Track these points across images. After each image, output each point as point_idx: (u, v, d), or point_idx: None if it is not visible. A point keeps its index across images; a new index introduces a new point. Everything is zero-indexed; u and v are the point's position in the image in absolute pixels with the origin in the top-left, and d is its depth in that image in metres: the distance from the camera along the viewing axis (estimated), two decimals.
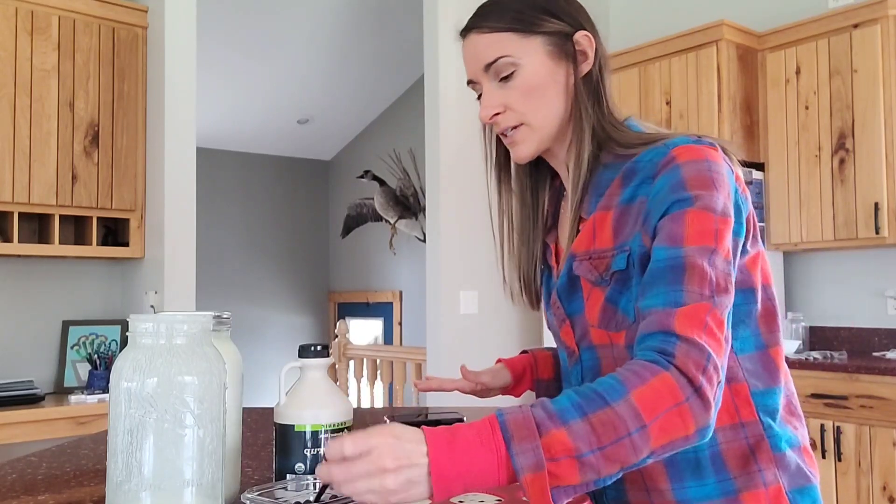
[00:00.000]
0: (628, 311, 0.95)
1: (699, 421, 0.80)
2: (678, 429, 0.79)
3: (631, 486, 1.00)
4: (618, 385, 0.79)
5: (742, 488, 0.95)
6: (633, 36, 4.03)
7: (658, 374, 0.80)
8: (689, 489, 0.96)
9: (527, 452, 0.75)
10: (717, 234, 0.88)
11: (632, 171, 0.98)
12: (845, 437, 2.79)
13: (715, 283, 0.86)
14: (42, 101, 3.03)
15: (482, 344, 3.66)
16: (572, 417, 0.77)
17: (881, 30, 3.00)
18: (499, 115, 1.03)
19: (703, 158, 0.92)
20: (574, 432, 0.76)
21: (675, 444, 0.80)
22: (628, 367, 0.82)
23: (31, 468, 1.20)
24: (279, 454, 0.98)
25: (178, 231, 3.14)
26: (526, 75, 1.01)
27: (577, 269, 1.01)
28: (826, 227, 3.15)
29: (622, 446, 0.77)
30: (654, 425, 0.78)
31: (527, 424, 0.77)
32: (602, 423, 0.77)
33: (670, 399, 0.79)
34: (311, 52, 5.54)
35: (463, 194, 3.60)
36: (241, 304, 6.55)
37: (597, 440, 0.76)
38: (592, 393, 0.79)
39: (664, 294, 0.86)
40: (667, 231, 0.89)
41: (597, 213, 1.01)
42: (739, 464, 0.96)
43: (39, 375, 3.17)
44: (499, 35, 1.01)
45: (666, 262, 0.87)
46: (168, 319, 0.80)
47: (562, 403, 0.79)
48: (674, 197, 0.90)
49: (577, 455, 0.76)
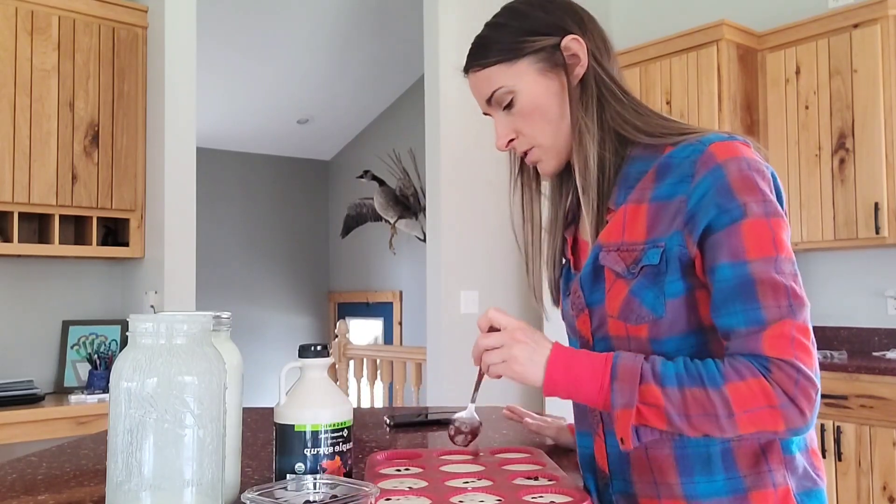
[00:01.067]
0: (654, 306, 0.95)
1: (790, 424, 0.87)
2: (767, 424, 0.87)
3: (639, 479, 1.00)
4: (717, 374, 0.88)
5: (751, 487, 0.95)
6: (634, 35, 4.03)
7: (757, 376, 0.87)
8: (699, 484, 0.96)
9: (623, 392, 0.90)
10: (774, 239, 0.91)
11: (666, 167, 0.98)
12: (845, 437, 2.79)
13: (790, 292, 0.89)
14: (42, 101, 3.03)
15: None
16: (670, 384, 0.89)
17: (881, 30, 3.00)
18: (513, 140, 1.08)
19: (741, 156, 0.94)
20: (667, 395, 0.88)
21: (765, 435, 0.89)
22: (731, 362, 0.89)
23: (31, 468, 1.20)
24: (279, 454, 0.98)
25: (178, 231, 3.14)
26: (524, 100, 1.04)
27: (604, 259, 1.01)
28: (826, 226, 3.15)
29: (708, 421, 0.88)
30: (744, 416, 0.87)
31: (633, 372, 0.90)
32: (694, 399, 0.88)
33: (763, 400, 0.86)
34: (311, 52, 5.54)
35: (463, 194, 3.60)
36: (241, 304, 6.55)
37: (684, 409, 0.88)
38: (695, 371, 0.89)
39: (742, 313, 0.89)
40: (726, 247, 0.91)
41: (628, 205, 1.00)
42: (750, 463, 0.96)
43: (39, 375, 3.17)
44: (488, 70, 1.05)
45: (734, 280, 0.90)
46: (168, 319, 0.80)
47: (667, 370, 0.90)
48: (723, 205, 0.91)
49: (664, 410, 0.88)
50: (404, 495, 0.91)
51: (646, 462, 0.99)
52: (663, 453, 0.97)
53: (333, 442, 0.96)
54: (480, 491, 0.93)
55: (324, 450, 0.96)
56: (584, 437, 1.09)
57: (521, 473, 1.01)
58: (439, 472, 1.03)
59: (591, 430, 1.06)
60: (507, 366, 0.95)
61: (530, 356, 0.94)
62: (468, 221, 3.61)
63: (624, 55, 3.64)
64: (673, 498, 0.97)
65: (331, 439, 0.96)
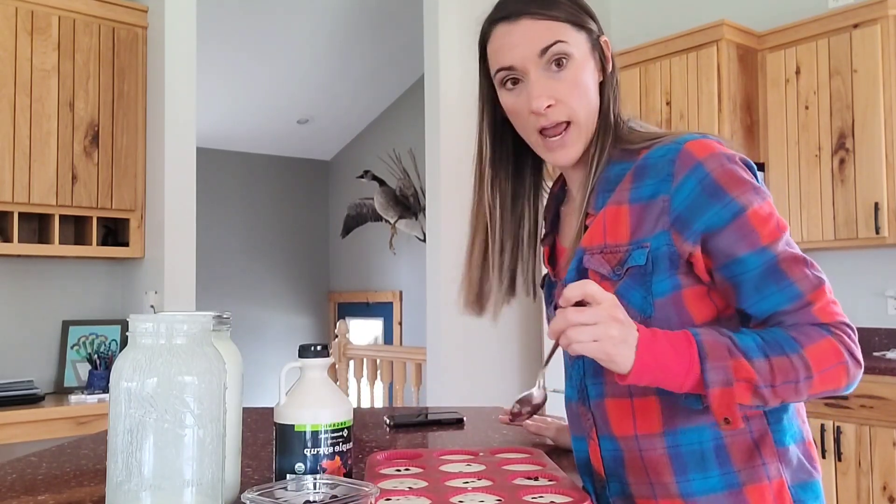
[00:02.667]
0: (643, 306, 0.96)
1: (851, 378, 0.93)
2: (834, 382, 0.92)
3: (635, 480, 1.00)
4: (792, 340, 0.91)
5: (746, 482, 0.96)
6: (634, 36, 4.03)
7: (825, 336, 0.92)
8: (694, 482, 0.96)
9: (718, 370, 0.88)
10: (776, 220, 0.95)
11: (643, 168, 0.99)
12: (845, 437, 2.79)
13: (806, 260, 0.95)
14: (42, 101, 3.03)
15: (482, 344, 3.66)
16: (757, 356, 0.89)
17: (881, 30, 3.00)
18: (551, 106, 1.01)
19: (717, 151, 0.96)
20: (757, 367, 0.89)
21: (827, 393, 0.93)
22: (799, 329, 0.92)
23: (31, 468, 1.20)
24: (279, 454, 0.98)
25: (178, 231, 3.14)
26: (577, 67, 1.01)
27: (588, 262, 1.01)
28: (826, 226, 3.15)
29: (789, 388, 0.90)
30: (818, 377, 0.90)
31: (720, 347, 0.89)
32: (780, 367, 0.89)
33: (834, 358, 0.91)
34: (311, 52, 5.54)
35: (463, 194, 3.58)
36: (241, 304, 6.55)
37: (772, 379, 0.89)
38: (773, 340, 0.91)
39: (780, 293, 0.93)
40: (741, 241, 0.94)
41: (608, 207, 1.01)
42: (743, 457, 0.96)
43: (39, 375, 3.17)
44: (557, 23, 1.01)
45: (761, 267, 0.94)
46: (168, 319, 0.80)
47: (747, 342, 0.90)
48: (717, 204, 0.94)
49: (754, 385, 0.88)
50: (404, 495, 0.91)
51: (640, 463, 0.99)
52: (657, 453, 0.98)
53: (333, 442, 0.96)
54: (480, 491, 0.93)
55: (324, 450, 0.96)
56: (578, 441, 1.09)
57: (521, 474, 1.01)
58: (439, 472, 1.03)
59: (585, 434, 1.06)
60: (600, 346, 0.86)
61: (625, 338, 0.87)
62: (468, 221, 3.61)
63: (624, 55, 3.64)
64: (669, 497, 0.98)
65: (331, 439, 0.96)
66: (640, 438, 0.99)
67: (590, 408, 1.04)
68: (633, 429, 0.99)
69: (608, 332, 0.85)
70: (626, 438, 1.00)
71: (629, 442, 1.00)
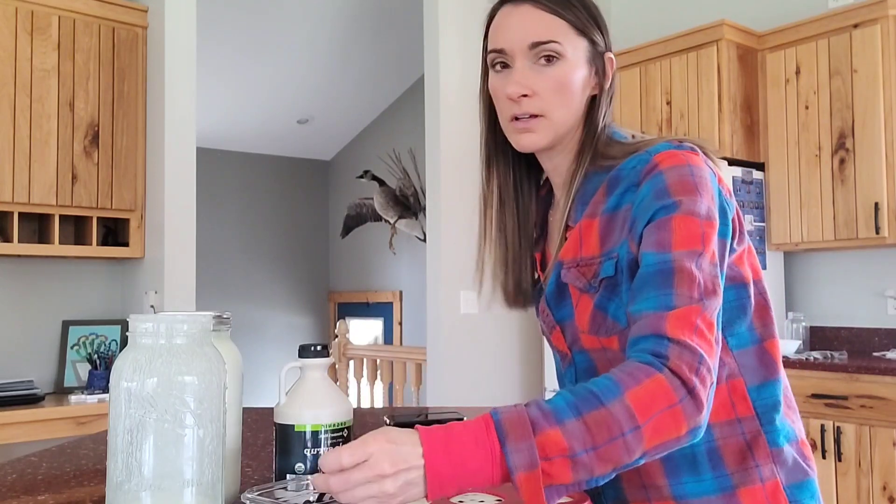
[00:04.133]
0: (618, 316, 0.96)
1: (691, 422, 0.81)
2: (671, 430, 0.80)
3: (628, 484, 1.00)
4: (612, 385, 0.80)
5: (739, 484, 0.95)
6: (634, 36, 4.02)
7: (652, 375, 0.80)
8: (686, 485, 0.96)
9: (521, 451, 0.76)
10: (703, 237, 0.89)
11: (616, 179, 0.99)
12: (845, 437, 2.79)
13: (703, 286, 0.87)
14: (42, 101, 3.03)
15: (482, 344, 3.66)
16: (567, 417, 0.78)
17: (881, 30, 3.00)
18: (526, 96, 1.00)
19: (684, 164, 0.93)
20: (568, 431, 0.77)
21: (668, 445, 0.81)
22: (623, 369, 0.82)
23: (31, 468, 1.20)
24: (279, 454, 0.98)
25: (178, 231, 3.14)
26: (565, 69, 1.00)
27: (565, 276, 1.02)
28: (826, 227, 3.15)
29: (616, 446, 0.78)
30: (648, 426, 0.79)
31: (521, 423, 0.78)
32: (597, 423, 0.78)
33: (664, 400, 0.80)
34: (311, 52, 5.54)
35: (463, 194, 3.60)
36: (241, 304, 6.55)
37: (591, 440, 0.77)
38: (587, 392, 0.80)
39: (654, 298, 0.87)
40: (654, 237, 0.90)
41: (582, 220, 1.01)
42: (736, 459, 0.96)
43: (39, 375, 3.17)
44: (558, 20, 1.00)
45: (655, 267, 0.88)
46: (168, 319, 0.80)
47: (557, 403, 0.80)
48: (658, 203, 0.91)
49: (570, 455, 0.77)
50: None
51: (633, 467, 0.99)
52: None
53: (333, 442, 0.97)
54: (481, 491, 0.93)
55: (324, 450, 0.96)
56: None
57: None
58: None
59: None
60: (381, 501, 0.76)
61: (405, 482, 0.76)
62: (468, 221, 3.60)
63: (624, 55, 3.64)
64: (662, 499, 0.98)
65: (331, 439, 0.96)
66: None
67: None
68: None
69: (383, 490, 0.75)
70: None
71: None
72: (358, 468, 0.75)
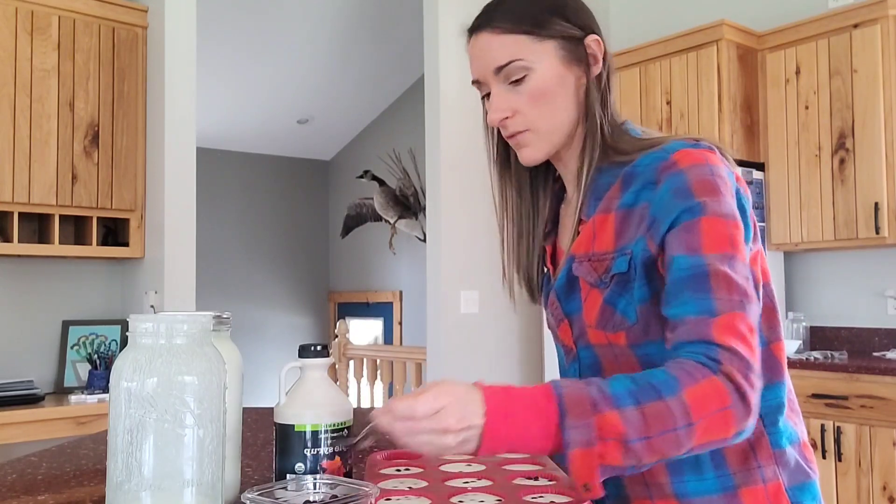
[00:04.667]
0: (627, 312, 0.96)
1: (740, 425, 0.83)
2: (720, 431, 0.82)
3: (630, 481, 1.00)
4: (671, 381, 0.82)
5: (741, 484, 0.96)
6: (634, 36, 4.02)
7: (708, 376, 0.82)
8: (688, 483, 0.97)
9: (579, 428, 0.79)
10: (731, 239, 0.89)
11: (631, 176, 0.98)
12: (845, 437, 2.79)
13: (742, 289, 0.87)
14: (42, 101, 3.03)
15: (482, 344, 3.66)
16: (626, 404, 0.80)
17: (881, 30, 3.00)
18: (508, 118, 1.01)
19: (703, 162, 0.93)
20: (626, 418, 0.80)
21: (714, 444, 0.84)
22: (680, 366, 0.84)
23: (31, 468, 1.20)
24: (279, 454, 0.98)
25: (178, 231, 3.14)
26: (537, 81, 0.99)
27: (577, 270, 1.02)
28: (826, 227, 3.15)
29: (668, 439, 0.80)
30: (701, 425, 0.81)
31: (582, 401, 0.80)
32: (654, 415, 0.80)
33: (718, 402, 0.82)
34: (311, 52, 5.54)
35: (463, 194, 3.60)
36: (241, 304, 6.55)
37: (646, 429, 0.80)
38: (646, 383, 0.82)
39: (694, 302, 0.87)
40: (683, 240, 0.90)
41: (596, 215, 1.01)
42: (739, 460, 0.96)
43: (39, 375, 3.17)
44: (513, 37, 0.98)
45: (689, 271, 0.88)
46: (168, 319, 0.80)
47: (617, 389, 0.82)
48: (682, 205, 0.91)
49: (624, 440, 0.79)
50: (404, 495, 0.91)
51: None
52: None
53: (333, 442, 0.96)
54: (480, 491, 0.93)
55: (324, 450, 0.96)
56: None
57: (521, 473, 1.01)
58: (439, 471, 1.03)
59: None
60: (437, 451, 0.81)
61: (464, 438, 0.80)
62: (468, 221, 3.61)
63: (624, 55, 3.64)
64: (664, 497, 0.98)
65: (331, 439, 0.96)
66: None
67: None
68: None
69: (444, 442, 0.80)
70: None
71: None
72: (427, 419, 0.79)
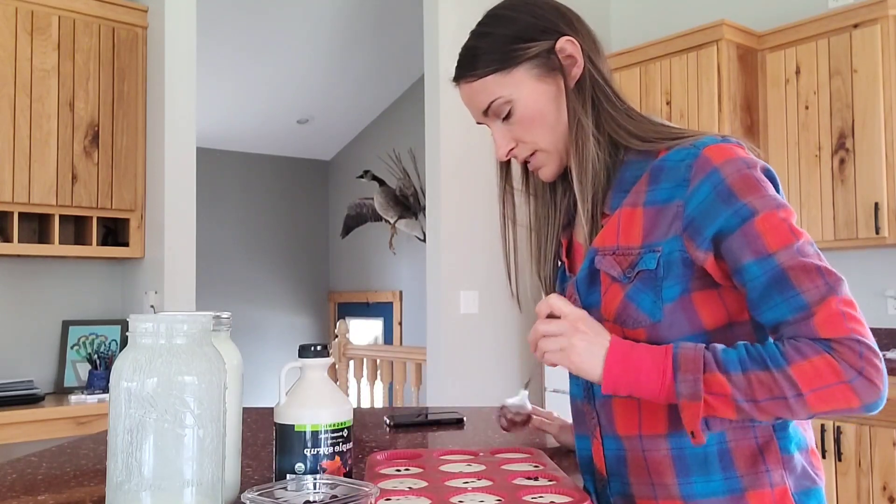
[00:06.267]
0: (652, 310, 0.95)
1: (865, 398, 0.85)
2: (839, 401, 0.86)
3: (636, 480, 1.00)
4: (779, 356, 0.87)
5: (748, 487, 0.95)
6: (634, 36, 4.02)
7: (821, 354, 0.86)
8: (695, 484, 0.96)
9: (688, 382, 0.88)
10: (789, 227, 0.91)
11: (660, 170, 0.98)
12: (845, 437, 2.79)
13: (822, 270, 0.89)
14: (42, 101, 3.03)
15: (482, 344, 3.66)
16: (734, 369, 0.87)
17: (881, 30, 3.00)
18: (513, 149, 1.07)
19: (737, 157, 0.94)
20: (732, 381, 0.87)
21: (838, 411, 0.87)
22: (793, 343, 0.87)
23: (31, 468, 1.20)
24: (279, 454, 0.98)
25: (178, 231, 3.14)
26: (522, 109, 1.03)
27: (600, 263, 1.01)
28: (826, 227, 3.15)
29: (777, 405, 0.86)
30: (812, 396, 0.85)
31: (695, 360, 0.88)
32: (759, 382, 0.86)
33: (833, 377, 0.85)
34: (311, 52, 5.54)
35: (463, 194, 3.60)
36: (241, 304, 6.55)
37: (752, 394, 0.86)
38: (757, 354, 0.88)
39: (784, 303, 0.89)
40: (746, 246, 0.91)
41: (623, 209, 1.00)
42: (747, 463, 0.96)
43: (39, 375, 3.17)
44: (484, 81, 1.03)
45: (765, 276, 0.90)
46: (168, 319, 0.80)
47: (729, 355, 0.88)
48: (728, 209, 0.91)
49: (732, 398, 0.87)
50: (404, 495, 0.91)
51: (643, 463, 0.99)
52: (660, 454, 0.98)
53: (333, 442, 0.96)
54: (480, 491, 0.93)
55: (324, 450, 0.96)
56: (581, 439, 1.09)
57: (521, 473, 1.01)
58: (439, 472, 1.03)
59: (589, 432, 1.06)
60: (565, 355, 0.93)
61: (589, 348, 0.92)
62: (468, 221, 3.61)
63: (624, 55, 3.64)
64: (670, 498, 0.98)
65: (331, 439, 0.96)
66: (645, 439, 0.99)
67: (595, 406, 1.04)
68: (638, 429, 0.99)
69: (571, 342, 0.92)
70: (631, 438, 1.00)
71: (633, 442, 1.00)
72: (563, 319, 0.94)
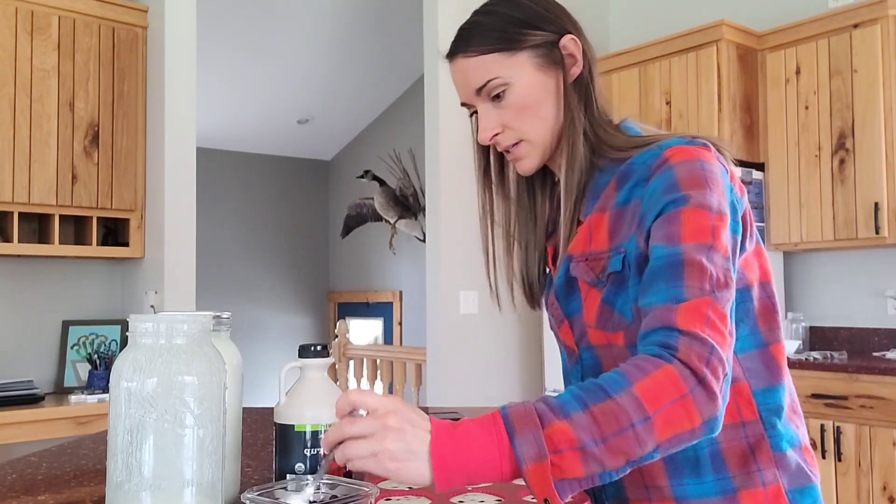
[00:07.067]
0: (625, 311, 0.95)
1: (704, 413, 0.79)
2: (683, 421, 0.78)
3: (630, 484, 1.00)
4: (620, 378, 0.79)
5: (740, 487, 0.95)
6: (633, 36, 4.02)
7: (661, 366, 0.79)
8: (688, 486, 0.97)
9: (529, 442, 0.75)
10: (713, 230, 0.88)
11: (626, 174, 0.99)
12: (845, 437, 2.79)
13: (715, 278, 0.86)
14: (42, 101, 3.03)
15: (482, 344, 3.66)
16: (574, 409, 0.77)
17: (881, 30, 3.00)
18: (498, 135, 1.03)
19: (695, 158, 0.93)
20: (576, 423, 0.76)
21: (682, 438, 0.79)
22: (630, 362, 0.81)
23: (31, 468, 1.20)
24: (279, 454, 0.98)
25: (178, 231, 3.14)
26: (518, 93, 1.01)
27: (574, 270, 1.02)
28: (826, 227, 3.15)
29: (626, 437, 0.76)
30: (658, 417, 0.77)
31: (529, 416, 0.77)
32: (604, 414, 0.76)
33: (674, 391, 0.78)
34: (311, 52, 5.54)
35: (463, 194, 3.60)
36: (241, 304, 6.55)
37: (599, 430, 0.76)
38: (594, 386, 0.79)
39: (664, 291, 0.86)
40: (663, 231, 0.89)
41: (593, 215, 1.01)
42: (739, 463, 0.96)
43: (39, 375, 3.17)
44: (485, 58, 1.01)
45: (664, 260, 0.87)
46: (168, 319, 0.80)
47: (563, 398, 0.79)
48: (667, 198, 0.91)
49: (580, 446, 0.75)
50: (404, 495, 0.91)
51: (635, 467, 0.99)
52: None
53: None
54: (480, 491, 0.93)
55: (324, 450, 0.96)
56: None
57: None
58: None
59: None
60: (378, 462, 0.75)
61: (407, 447, 0.75)
62: (468, 221, 3.61)
63: (623, 55, 3.64)
64: (663, 500, 0.98)
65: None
66: None
67: None
68: None
69: (384, 446, 0.75)
70: None
71: None
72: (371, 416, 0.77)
